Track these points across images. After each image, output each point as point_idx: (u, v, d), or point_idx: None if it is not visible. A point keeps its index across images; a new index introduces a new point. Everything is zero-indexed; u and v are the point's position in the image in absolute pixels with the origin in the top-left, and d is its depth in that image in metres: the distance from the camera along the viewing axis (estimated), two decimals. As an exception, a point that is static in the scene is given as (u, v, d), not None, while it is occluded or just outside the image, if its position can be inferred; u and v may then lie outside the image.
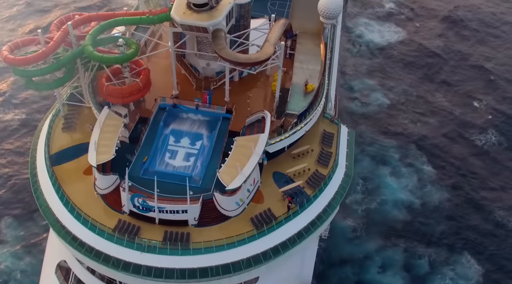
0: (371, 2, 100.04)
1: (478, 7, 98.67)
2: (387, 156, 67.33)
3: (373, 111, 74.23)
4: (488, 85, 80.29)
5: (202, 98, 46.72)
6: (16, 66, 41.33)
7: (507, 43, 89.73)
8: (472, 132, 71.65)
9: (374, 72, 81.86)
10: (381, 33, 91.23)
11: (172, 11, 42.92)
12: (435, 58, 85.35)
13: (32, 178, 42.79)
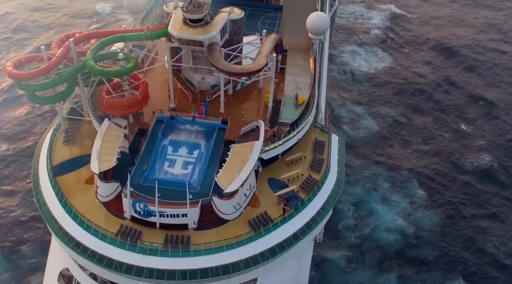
0: (357, 29, 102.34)
1: (464, 34, 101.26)
2: (378, 182, 67.41)
3: (362, 138, 74.65)
4: (477, 110, 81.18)
5: (198, 109, 48.77)
6: (20, 81, 43.17)
7: (494, 69, 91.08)
8: (462, 157, 71.85)
9: (362, 99, 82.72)
10: (367, 60, 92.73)
11: (170, 27, 45.34)
12: (423, 84, 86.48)
13: (35, 188, 44.09)
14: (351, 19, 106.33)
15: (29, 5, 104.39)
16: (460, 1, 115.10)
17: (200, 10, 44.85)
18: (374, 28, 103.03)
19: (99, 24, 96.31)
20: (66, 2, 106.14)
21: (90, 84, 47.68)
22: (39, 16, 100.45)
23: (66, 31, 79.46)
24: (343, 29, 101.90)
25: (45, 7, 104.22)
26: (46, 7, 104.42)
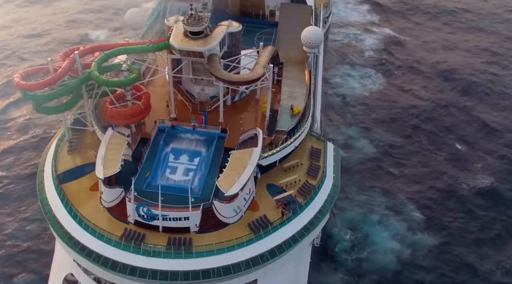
0: (350, 51, 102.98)
1: (457, 57, 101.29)
2: (374, 205, 66.66)
3: (357, 160, 73.82)
4: (472, 132, 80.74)
5: (198, 119, 50.56)
6: (27, 91, 44.91)
7: (488, 92, 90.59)
8: (458, 179, 71.10)
9: (356, 121, 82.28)
10: (361, 82, 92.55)
11: (171, 39, 47.45)
12: (418, 106, 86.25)
13: (40, 195, 45.40)
14: (344, 41, 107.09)
15: (22, 33, 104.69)
16: (452, 25, 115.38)
17: (200, 23, 47.10)
18: (368, 50, 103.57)
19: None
20: (60, 30, 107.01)
21: (93, 96, 49.56)
22: (33, 43, 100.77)
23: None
24: (337, 51, 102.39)
25: (39, 34, 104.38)
26: (41, 34, 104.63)
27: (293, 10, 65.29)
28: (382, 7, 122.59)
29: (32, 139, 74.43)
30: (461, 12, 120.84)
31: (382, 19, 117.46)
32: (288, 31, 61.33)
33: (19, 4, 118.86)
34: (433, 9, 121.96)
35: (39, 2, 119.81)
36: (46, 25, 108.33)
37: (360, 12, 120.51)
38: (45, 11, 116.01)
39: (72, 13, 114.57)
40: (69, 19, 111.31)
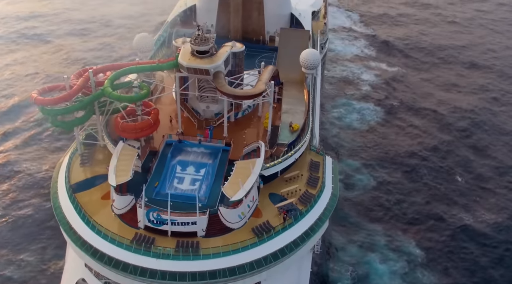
0: (348, 85, 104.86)
1: (456, 96, 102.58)
2: (374, 241, 66.48)
3: (358, 195, 73.65)
4: (474, 169, 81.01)
5: (204, 133, 53.60)
6: (45, 106, 48.04)
7: (489, 131, 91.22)
8: (459, 216, 71.11)
9: (355, 156, 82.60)
10: (360, 116, 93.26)
11: (179, 58, 50.99)
12: (417, 143, 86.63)
13: (54, 204, 47.87)
14: (342, 75, 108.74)
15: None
16: (450, 61, 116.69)
17: (207, 43, 50.76)
18: (365, 85, 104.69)
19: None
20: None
21: (105, 112, 52.71)
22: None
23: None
24: (334, 85, 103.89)
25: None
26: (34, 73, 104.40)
27: (292, 34, 69.46)
28: (379, 43, 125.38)
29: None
30: (459, 49, 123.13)
31: (379, 54, 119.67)
32: (288, 54, 65.08)
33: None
34: (430, 45, 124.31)
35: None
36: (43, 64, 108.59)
37: (357, 47, 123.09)
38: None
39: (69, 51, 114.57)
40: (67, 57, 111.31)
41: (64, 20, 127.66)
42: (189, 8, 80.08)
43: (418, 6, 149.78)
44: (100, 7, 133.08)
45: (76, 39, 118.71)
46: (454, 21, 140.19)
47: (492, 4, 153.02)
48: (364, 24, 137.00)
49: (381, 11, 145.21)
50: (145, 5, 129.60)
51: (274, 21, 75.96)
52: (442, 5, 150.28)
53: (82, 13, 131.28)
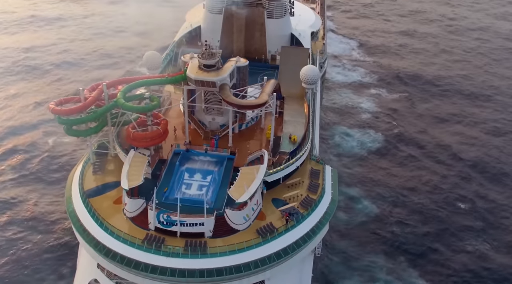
0: (348, 112, 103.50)
1: (456, 128, 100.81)
2: (375, 271, 65.10)
3: (359, 224, 72.33)
4: (475, 190, 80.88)
5: (210, 143, 56.65)
6: (61, 116, 51.25)
7: (491, 163, 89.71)
8: (462, 239, 70.54)
9: (356, 181, 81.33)
10: (360, 142, 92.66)
11: (188, 71, 54.45)
12: (418, 167, 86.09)
13: (68, 208, 50.55)
14: (342, 102, 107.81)
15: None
16: (451, 92, 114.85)
17: (213, 57, 54.32)
18: (365, 112, 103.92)
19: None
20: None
21: (116, 123, 55.91)
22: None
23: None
24: (334, 112, 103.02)
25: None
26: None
27: (292, 52, 73.31)
28: (378, 71, 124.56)
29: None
30: (458, 78, 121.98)
31: (378, 82, 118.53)
32: (288, 70, 68.60)
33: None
34: (429, 75, 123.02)
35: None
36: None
37: (356, 75, 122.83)
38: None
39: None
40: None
41: (59, 52, 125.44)
42: (194, 29, 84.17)
43: (417, 36, 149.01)
44: (98, 39, 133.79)
45: (74, 69, 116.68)
46: (452, 51, 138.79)
47: (491, 33, 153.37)
48: (363, 52, 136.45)
49: (380, 40, 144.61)
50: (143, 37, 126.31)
51: (275, 41, 79.76)
52: (441, 34, 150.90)
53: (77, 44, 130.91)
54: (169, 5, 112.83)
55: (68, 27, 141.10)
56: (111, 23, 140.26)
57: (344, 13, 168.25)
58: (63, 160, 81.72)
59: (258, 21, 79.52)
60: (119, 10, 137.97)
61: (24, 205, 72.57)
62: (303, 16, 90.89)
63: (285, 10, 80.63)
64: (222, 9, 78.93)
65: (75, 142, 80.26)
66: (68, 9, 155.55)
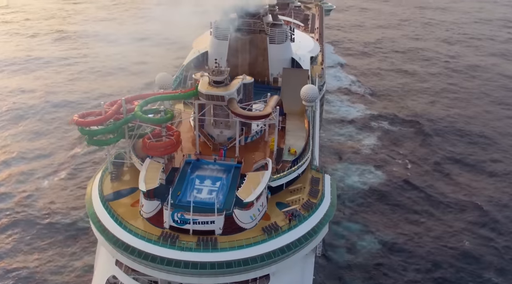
0: (349, 148, 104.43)
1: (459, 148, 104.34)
2: None
3: (361, 262, 71.85)
4: (479, 220, 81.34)
5: (219, 153, 61.73)
6: (84, 127, 56.52)
7: (496, 179, 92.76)
8: (468, 273, 70.41)
9: (357, 218, 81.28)
10: (361, 178, 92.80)
11: (199, 87, 60.15)
12: (420, 203, 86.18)
13: (89, 210, 55.09)
14: (342, 138, 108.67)
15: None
16: (453, 132, 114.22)
17: (222, 74, 60.18)
18: (366, 148, 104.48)
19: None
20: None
21: (132, 136, 61.15)
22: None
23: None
24: (334, 147, 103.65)
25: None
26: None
27: (293, 73, 79.33)
28: (378, 105, 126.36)
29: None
30: (459, 118, 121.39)
31: (379, 116, 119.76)
32: (290, 90, 74.24)
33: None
34: (431, 115, 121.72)
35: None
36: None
37: (357, 109, 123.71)
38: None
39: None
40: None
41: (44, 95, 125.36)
42: (202, 55, 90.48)
43: (419, 75, 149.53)
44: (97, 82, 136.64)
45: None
46: (453, 90, 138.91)
47: (493, 73, 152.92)
48: (363, 85, 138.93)
49: (380, 78, 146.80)
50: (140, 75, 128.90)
51: (277, 65, 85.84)
52: (443, 72, 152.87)
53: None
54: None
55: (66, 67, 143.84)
56: (109, 63, 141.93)
57: (345, 49, 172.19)
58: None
59: (261, 46, 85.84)
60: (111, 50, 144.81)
61: (44, 208, 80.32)
62: (302, 42, 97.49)
63: (286, 36, 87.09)
64: (227, 36, 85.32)
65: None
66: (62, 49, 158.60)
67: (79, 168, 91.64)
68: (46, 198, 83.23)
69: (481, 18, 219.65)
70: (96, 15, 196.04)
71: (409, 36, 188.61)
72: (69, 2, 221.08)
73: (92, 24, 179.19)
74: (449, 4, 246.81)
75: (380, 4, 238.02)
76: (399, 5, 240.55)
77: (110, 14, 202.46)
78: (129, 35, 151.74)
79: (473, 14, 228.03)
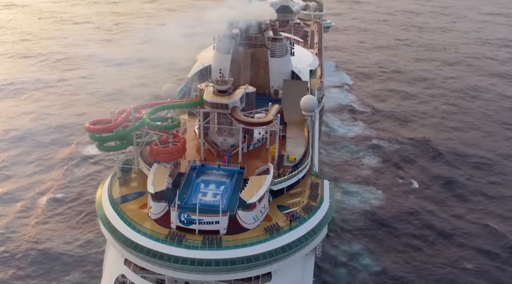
0: (349, 168, 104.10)
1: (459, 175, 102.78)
2: None
3: (363, 280, 72.58)
4: (483, 247, 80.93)
5: (222, 159, 64.72)
6: (95, 133, 59.61)
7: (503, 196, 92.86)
8: None
9: (358, 238, 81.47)
10: (362, 199, 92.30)
11: (204, 96, 63.53)
12: (421, 219, 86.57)
13: (99, 212, 57.83)
14: (342, 158, 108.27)
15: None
16: (454, 154, 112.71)
17: (226, 84, 63.67)
18: (367, 168, 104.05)
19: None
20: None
21: (140, 143, 64.20)
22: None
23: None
24: (335, 168, 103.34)
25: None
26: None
27: (293, 84, 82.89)
28: (379, 125, 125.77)
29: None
30: (461, 141, 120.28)
31: (379, 132, 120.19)
32: (290, 100, 77.51)
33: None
34: (433, 138, 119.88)
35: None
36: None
37: (357, 128, 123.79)
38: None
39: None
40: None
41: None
42: (205, 68, 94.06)
43: (420, 96, 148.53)
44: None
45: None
46: (455, 112, 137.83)
47: (494, 94, 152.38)
48: (363, 104, 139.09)
49: (378, 91, 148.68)
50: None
51: (277, 77, 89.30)
52: (444, 93, 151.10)
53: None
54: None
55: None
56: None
57: (346, 70, 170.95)
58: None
59: (262, 60, 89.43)
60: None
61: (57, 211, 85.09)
62: (302, 56, 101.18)
63: (286, 50, 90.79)
64: (230, 50, 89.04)
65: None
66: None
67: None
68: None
69: (479, 37, 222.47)
70: (90, 36, 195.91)
71: (410, 57, 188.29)
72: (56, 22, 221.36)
73: (89, 46, 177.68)
74: (448, 24, 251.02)
75: (379, 25, 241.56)
76: (398, 25, 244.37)
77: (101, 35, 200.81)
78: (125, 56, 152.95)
79: (472, 34, 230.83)
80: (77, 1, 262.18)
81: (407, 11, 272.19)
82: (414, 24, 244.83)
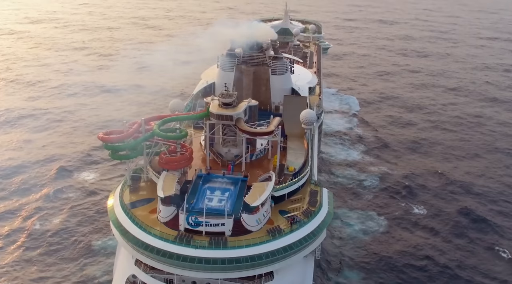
0: (350, 193, 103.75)
1: (463, 198, 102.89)
2: None
3: None
4: (486, 240, 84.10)
5: (227, 167, 68.75)
6: (108, 143, 63.76)
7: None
8: None
9: (358, 266, 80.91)
10: (363, 225, 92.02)
11: (210, 108, 67.95)
12: (425, 250, 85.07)
13: (111, 216, 61.48)
14: (343, 183, 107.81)
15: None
16: (458, 164, 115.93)
17: (231, 97, 68.15)
18: (368, 192, 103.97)
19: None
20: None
21: (149, 153, 68.32)
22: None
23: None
24: (335, 193, 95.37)
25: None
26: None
27: (293, 99, 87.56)
28: (379, 146, 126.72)
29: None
30: (462, 154, 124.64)
31: (380, 159, 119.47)
32: (290, 114, 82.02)
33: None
34: (435, 149, 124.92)
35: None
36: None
37: (357, 151, 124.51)
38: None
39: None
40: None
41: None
42: (209, 85, 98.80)
43: (421, 125, 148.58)
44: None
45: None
46: (461, 139, 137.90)
47: (496, 121, 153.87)
48: (363, 127, 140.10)
49: (380, 117, 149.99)
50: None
51: (278, 94, 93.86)
52: (447, 120, 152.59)
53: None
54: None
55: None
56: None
57: (347, 95, 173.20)
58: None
59: (263, 77, 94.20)
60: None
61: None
62: (301, 74, 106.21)
63: (286, 68, 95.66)
64: (233, 67, 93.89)
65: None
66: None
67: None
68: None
69: (477, 63, 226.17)
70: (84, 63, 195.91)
71: (413, 83, 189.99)
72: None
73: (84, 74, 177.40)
74: (448, 49, 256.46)
75: (380, 51, 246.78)
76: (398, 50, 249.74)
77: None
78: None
79: (468, 60, 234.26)
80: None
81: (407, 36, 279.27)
82: (413, 48, 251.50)
